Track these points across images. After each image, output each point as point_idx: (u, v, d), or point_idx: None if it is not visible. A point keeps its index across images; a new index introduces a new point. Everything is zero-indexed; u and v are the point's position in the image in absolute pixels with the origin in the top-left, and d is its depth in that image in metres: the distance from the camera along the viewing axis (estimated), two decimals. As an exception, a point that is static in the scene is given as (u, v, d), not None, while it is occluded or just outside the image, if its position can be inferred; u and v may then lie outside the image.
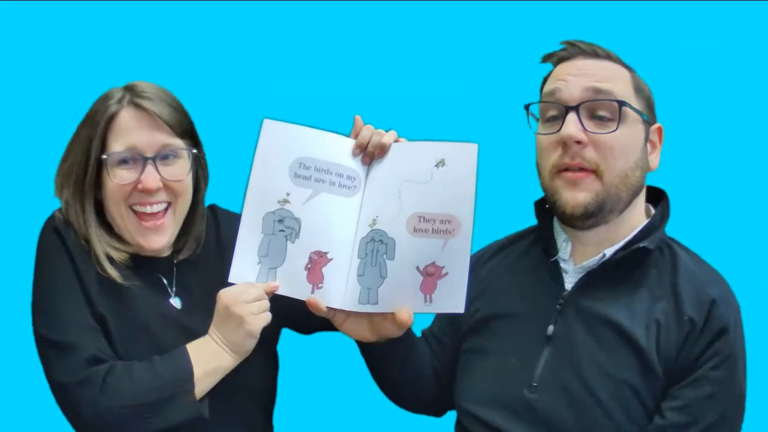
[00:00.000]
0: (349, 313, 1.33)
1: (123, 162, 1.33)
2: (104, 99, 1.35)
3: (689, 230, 1.39)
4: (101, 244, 1.34)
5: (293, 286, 1.31)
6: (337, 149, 1.33)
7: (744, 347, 1.25)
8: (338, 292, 1.32)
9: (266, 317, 1.29)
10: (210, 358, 1.29)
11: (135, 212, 1.35)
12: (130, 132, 1.32)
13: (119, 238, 1.37)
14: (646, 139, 1.30)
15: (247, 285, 1.30)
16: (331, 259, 1.31)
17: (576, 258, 1.32)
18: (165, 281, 1.41)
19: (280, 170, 1.31)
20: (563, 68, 1.29)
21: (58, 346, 1.27)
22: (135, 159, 1.33)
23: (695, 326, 1.21)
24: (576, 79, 1.26)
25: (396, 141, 1.33)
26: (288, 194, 1.31)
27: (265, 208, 1.31)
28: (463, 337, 1.40)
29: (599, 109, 1.25)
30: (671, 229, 1.35)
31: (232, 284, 1.30)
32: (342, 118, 1.37)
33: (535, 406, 1.24)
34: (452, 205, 1.29)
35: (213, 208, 1.51)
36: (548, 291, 1.31)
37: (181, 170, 1.36)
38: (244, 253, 1.30)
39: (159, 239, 1.36)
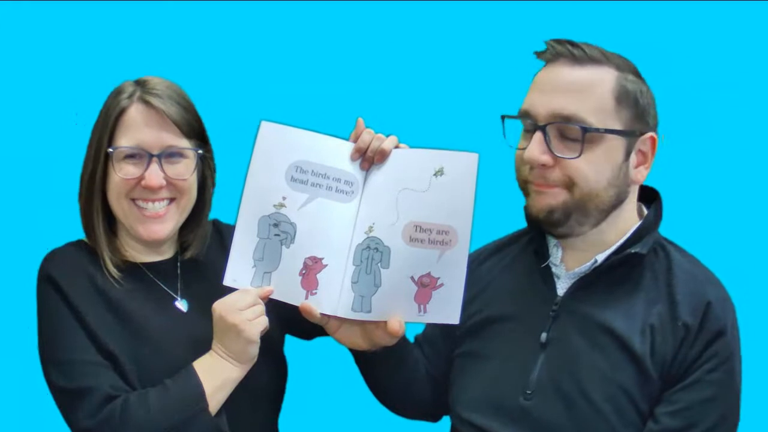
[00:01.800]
0: (342, 321, 1.32)
1: (129, 157, 1.34)
2: (116, 93, 1.36)
3: (682, 229, 1.36)
4: (107, 248, 1.36)
5: (287, 291, 1.30)
6: (336, 153, 1.31)
7: (740, 348, 1.24)
8: (332, 298, 1.30)
9: (262, 321, 1.29)
10: (217, 372, 1.30)
11: (137, 205, 1.35)
12: (138, 128, 1.33)
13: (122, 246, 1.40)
14: (628, 153, 1.23)
15: (240, 292, 1.29)
16: (326, 265, 1.30)
17: (568, 263, 1.29)
18: (169, 285, 1.41)
19: (277, 173, 1.29)
20: (542, 76, 1.25)
21: (74, 393, 1.29)
22: (141, 155, 1.33)
23: (690, 330, 1.19)
24: (547, 96, 1.22)
25: (397, 147, 1.31)
26: (284, 198, 1.29)
27: (260, 211, 1.30)
28: (458, 341, 1.38)
29: (566, 130, 1.21)
30: (664, 229, 1.31)
31: (231, 289, 1.30)
32: (342, 121, 1.35)
33: (530, 412, 1.23)
34: (450, 216, 1.27)
35: (216, 222, 1.51)
36: (541, 296, 1.29)
37: (185, 169, 1.36)
38: (239, 257, 1.30)
39: (159, 228, 1.36)
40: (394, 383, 1.42)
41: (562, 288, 1.28)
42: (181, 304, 1.41)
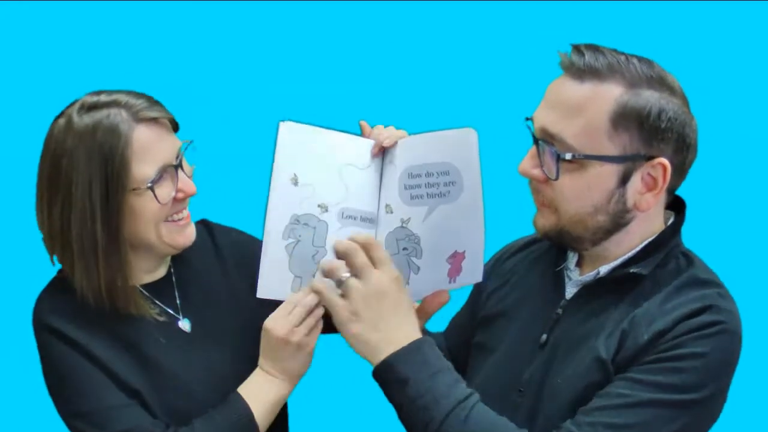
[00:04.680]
0: None
1: (158, 179, 1.25)
2: (106, 131, 1.21)
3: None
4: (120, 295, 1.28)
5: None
6: (360, 150, 1.27)
7: (725, 378, 1.13)
8: None
9: (317, 331, 1.26)
10: (266, 394, 1.28)
11: (171, 221, 1.30)
12: (153, 149, 1.24)
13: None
14: (625, 178, 1.13)
15: (287, 306, 1.24)
16: None
17: (582, 268, 1.27)
18: (169, 304, 1.36)
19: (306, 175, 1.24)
20: (549, 87, 1.17)
21: None
22: (166, 171, 1.26)
23: (651, 340, 1.11)
24: (543, 110, 1.16)
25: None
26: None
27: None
28: (475, 329, 1.40)
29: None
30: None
31: (230, 298, 1.31)
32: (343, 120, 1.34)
33: (521, 408, 1.22)
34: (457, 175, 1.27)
35: (206, 223, 1.46)
36: (550, 298, 1.28)
37: (187, 164, 1.32)
38: (272, 267, 1.23)
39: (192, 229, 1.32)
40: None
41: (570, 292, 1.26)
42: (184, 324, 1.37)
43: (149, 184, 1.24)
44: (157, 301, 1.35)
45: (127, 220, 1.25)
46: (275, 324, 1.23)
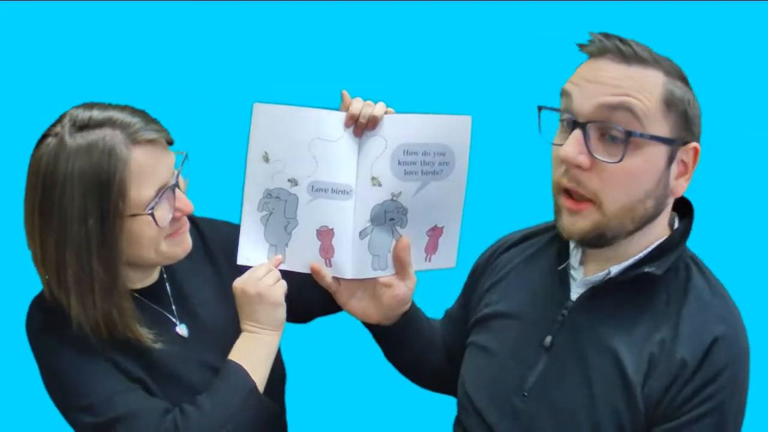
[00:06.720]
0: (353, 290, 1.36)
1: (155, 204, 1.21)
2: (101, 154, 1.16)
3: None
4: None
5: (301, 261, 1.34)
6: (330, 124, 1.29)
7: (741, 399, 1.13)
8: (347, 263, 1.34)
9: (283, 284, 1.32)
10: (257, 351, 1.31)
11: (173, 235, 1.28)
12: (151, 172, 1.19)
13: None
14: (670, 161, 1.12)
15: (253, 267, 1.32)
16: (333, 231, 1.33)
17: (587, 267, 1.22)
18: (165, 308, 1.35)
19: (280, 153, 1.30)
20: (586, 70, 1.13)
21: (123, 421, 1.22)
22: (162, 194, 1.21)
23: (686, 368, 1.10)
24: (592, 88, 1.11)
25: (386, 112, 1.29)
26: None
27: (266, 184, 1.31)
28: (470, 328, 1.37)
29: (610, 130, 1.10)
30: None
31: (219, 293, 1.34)
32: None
33: (523, 414, 1.20)
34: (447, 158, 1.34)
35: (192, 219, 1.40)
36: (554, 298, 1.24)
37: (182, 178, 1.28)
38: (249, 239, 1.33)
39: (189, 239, 1.31)
40: (411, 356, 1.43)
41: (576, 293, 1.22)
42: (181, 329, 1.35)
43: (149, 210, 1.20)
44: (155, 306, 1.34)
45: (125, 246, 1.21)
46: (241, 280, 1.30)
